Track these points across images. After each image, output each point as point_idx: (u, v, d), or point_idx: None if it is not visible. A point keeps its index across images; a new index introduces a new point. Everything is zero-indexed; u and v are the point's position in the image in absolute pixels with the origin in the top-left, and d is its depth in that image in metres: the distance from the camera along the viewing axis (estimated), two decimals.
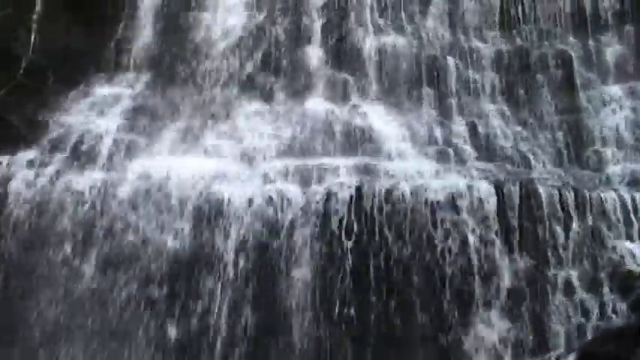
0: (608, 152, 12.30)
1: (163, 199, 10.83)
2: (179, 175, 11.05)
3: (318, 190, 10.80)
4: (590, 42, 13.72)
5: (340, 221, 10.54)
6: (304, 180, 11.07)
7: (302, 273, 10.36)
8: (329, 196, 10.68)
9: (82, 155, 11.66)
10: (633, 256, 10.43)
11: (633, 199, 10.83)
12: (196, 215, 10.75)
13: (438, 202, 10.61)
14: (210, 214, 10.75)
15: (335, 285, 10.27)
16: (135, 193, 10.88)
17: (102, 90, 13.03)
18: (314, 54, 13.40)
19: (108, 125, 12.22)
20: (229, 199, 10.82)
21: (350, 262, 10.34)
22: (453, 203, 10.62)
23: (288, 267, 10.41)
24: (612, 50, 13.59)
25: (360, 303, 10.20)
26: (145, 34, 13.82)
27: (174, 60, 13.40)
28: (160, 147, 12.07)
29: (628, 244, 10.59)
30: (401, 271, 10.30)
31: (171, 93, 13.02)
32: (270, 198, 10.76)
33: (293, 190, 10.84)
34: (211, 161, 11.64)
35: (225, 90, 13.03)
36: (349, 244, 10.41)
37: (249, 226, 10.62)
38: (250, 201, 10.78)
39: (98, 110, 12.62)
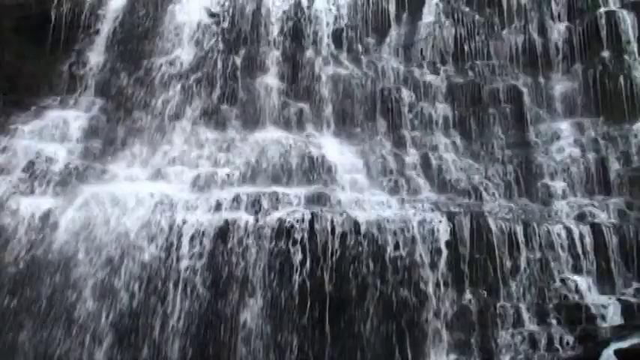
0: (557, 186, 12.53)
1: (112, 226, 10.66)
2: (130, 202, 10.92)
3: (270, 219, 10.75)
4: (540, 79, 14.04)
5: (293, 250, 10.49)
6: (257, 208, 11.03)
7: (254, 300, 10.27)
8: (282, 225, 10.65)
9: (30, 179, 11.45)
10: (580, 288, 10.61)
11: (580, 233, 11.05)
12: (147, 242, 10.60)
13: (390, 232, 10.68)
14: (161, 240, 10.61)
15: (287, 313, 10.20)
16: (83, 220, 10.71)
17: (53, 113, 12.83)
18: (270, 84, 13.46)
19: (59, 149, 12.05)
20: (181, 226, 10.70)
21: (303, 290, 10.29)
22: (404, 234, 10.71)
23: (239, 294, 10.31)
24: (561, 87, 13.92)
25: (313, 331, 10.15)
26: (99, 60, 13.69)
27: (129, 86, 13.29)
28: (113, 173, 11.94)
29: (575, 276, 10.78)
30: (354, 300, 10.29)
31: (125, 119, 12.91)
32: (222, 225, 10.67)
33: (245, 218, 10.77)
34: (164, 188, 11.53)
35: (179, 117, 12.97)
36: (302, 272, 10.37)
37: (200, 251, 10.51)
38: (202, 228, 10.68)
39: (49, 134, 12.43)
